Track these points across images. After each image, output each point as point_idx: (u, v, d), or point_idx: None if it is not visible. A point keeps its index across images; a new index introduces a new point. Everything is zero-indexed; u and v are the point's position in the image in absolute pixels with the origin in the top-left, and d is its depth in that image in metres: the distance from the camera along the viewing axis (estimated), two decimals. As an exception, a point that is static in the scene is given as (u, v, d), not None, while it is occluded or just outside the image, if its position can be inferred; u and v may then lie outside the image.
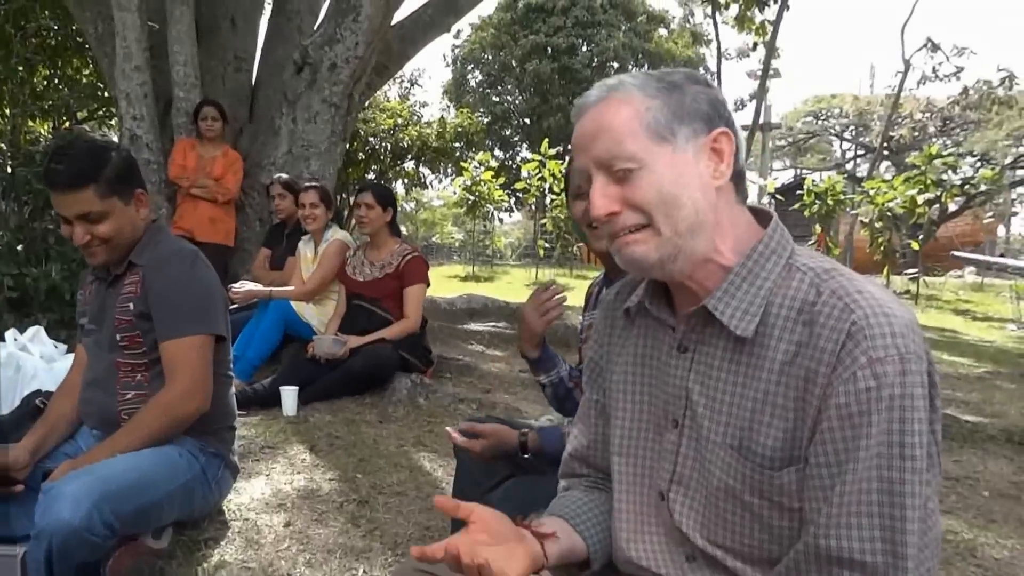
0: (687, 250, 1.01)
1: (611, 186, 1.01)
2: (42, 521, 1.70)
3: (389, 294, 4.01)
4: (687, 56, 28.83)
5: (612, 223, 1.02)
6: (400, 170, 17.76)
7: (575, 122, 1.07)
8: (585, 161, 1.03)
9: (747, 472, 0.99)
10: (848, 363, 0.91)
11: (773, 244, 1.03)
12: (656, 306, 1.13)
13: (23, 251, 4.97)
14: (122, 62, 5.23)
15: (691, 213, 1.00)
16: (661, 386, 1.12)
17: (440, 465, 2.95)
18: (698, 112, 1.02)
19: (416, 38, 6.79)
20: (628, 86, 1.03)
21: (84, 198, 1.98)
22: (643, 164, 0.99)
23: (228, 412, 2.30)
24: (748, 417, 0.99)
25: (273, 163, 5.53)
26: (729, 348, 1.03)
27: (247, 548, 2.18)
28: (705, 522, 1.06)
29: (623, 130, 1.00)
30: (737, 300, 1.01)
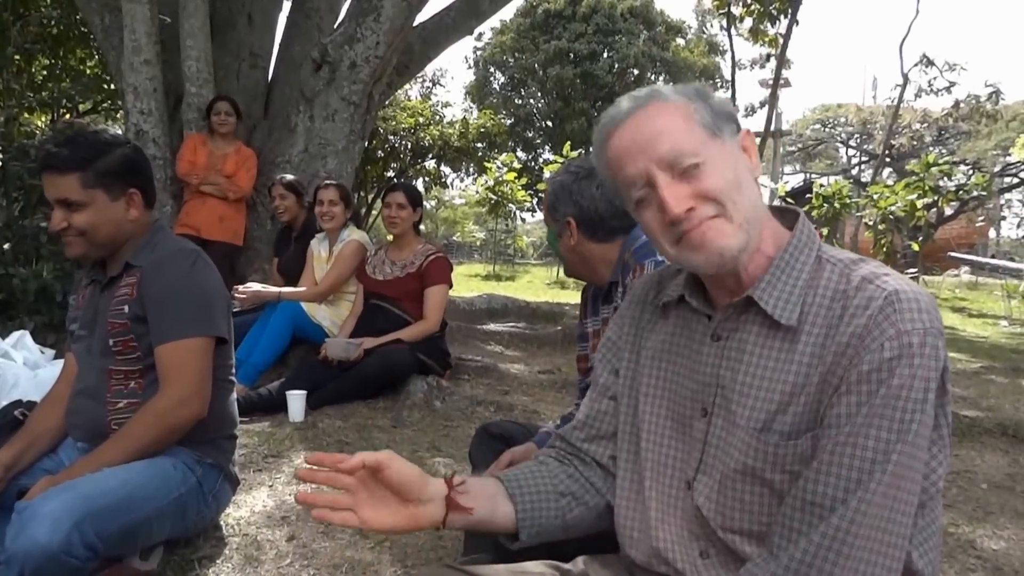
0: (752, 237, 1.06)
1: (678, 184, 1.04)
2: (14, 544, 1.56)
3: (409, 294, 3.89)
4: (703, 65, 29.24)
5: (689, 218, 1.03)
6: (420, 168, 17.74)
7: (614, 133, 1.09)
8: (645, 165, 1.05)
9: (769, 450, 1.02)
10: (876, 334, 0.95)
11: (804, 238, 1.09)
12: (696, 298, 1.16)
13: (10, 250, 4.85)
14: (131, 55, 5.13)
15: (751, 200, 1.06)
16: (691, 375, 1.15)
17: (456, 471, 2.79)
18: (729, 114, 1.10)
19: (438, 40, 6.70)
20: (666, 93, 1.09)
21: (65, 183, 1.89)
22: (707, 157, 1.04)
23: (228, 420, 2.16)
24: (777, 401, 1.03)
25: (288, 161, 5.43)
26: (763, 335, 1.06)
27: (245, 566, 2.04)
28: (720, 508, 1.08)
29: (682, 128, 1.05)
30: (778, 291, 1.05)
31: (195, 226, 4.85)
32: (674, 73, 28.86)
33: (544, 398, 4.03)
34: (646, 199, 1.07)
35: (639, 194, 1.08)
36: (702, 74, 29.62)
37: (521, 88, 30.09)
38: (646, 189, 1.06)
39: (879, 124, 30.08)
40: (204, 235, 4.80)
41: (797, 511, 0.98)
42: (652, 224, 1.08)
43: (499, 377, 4.35)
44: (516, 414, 3.55)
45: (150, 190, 2.06)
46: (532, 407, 3.68)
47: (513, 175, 14.37)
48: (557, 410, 3.68)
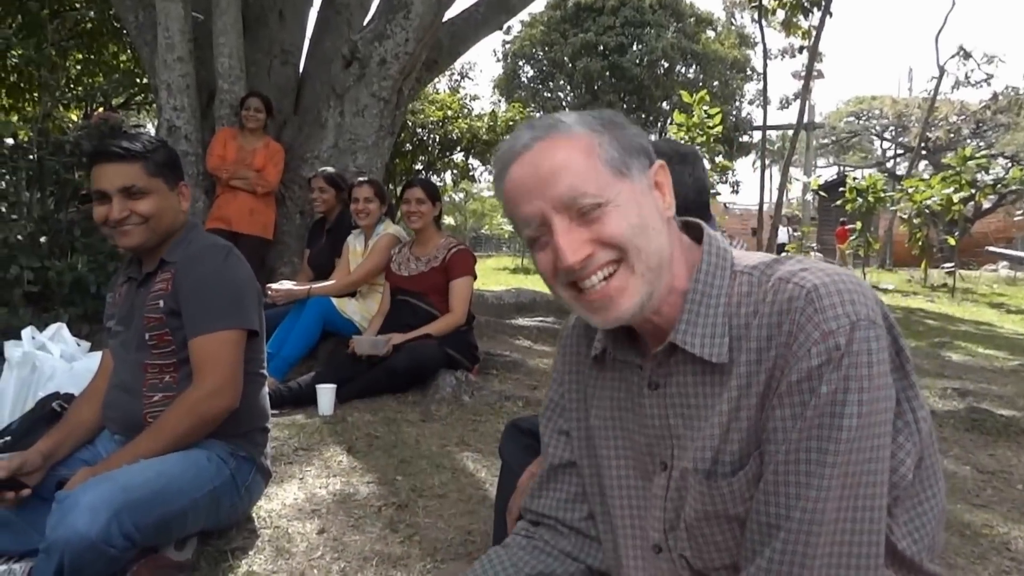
0: (657, 285, 0.99)
1: (576, 228, 0.96)
2: (54, 533, 1.60)
3: (435, 288, 3.91)
4: (734, 57, 28.86)
5: (585, 267, 0.96)
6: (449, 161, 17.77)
7: (511, 166, 1.00)
8: (539, 206, 0.97)
9: (723, 492, 0.98)
10: (802, 339, 0.90)
11: (713, 258, 1.02)
12: (621, 349, 1.10)
13: (46, 243, 4.92)
14: (164, 52, 5.20)
15: (659, 245, 0.99)
16: (642, 430, 1.09)
17: (484, 466, 2.82)
18: (640, 148, 1.01)
19: (467, 35, 6.70)
20: (569, 124, 1.00)
21: (131, 171, 1.96)
22: (609, 199, 0.96)
23: (260, 413, 2.19)
24: (719, 436, 0.98)
25: (318, 156, 5.47)
26: (698, 372, 1.01)
27: (277, 558, 2.07)
28: (697, 553, 1.04)
29: (583, 165, 0.96)
30: (701, 327, 0.99)
31: (226, 219, 4.91)
32: (704, 65, 28.58)
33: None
34: (541, 240, 0.99)
35: (534, 234, 0.99)
36: (733, 66, 29.31)
37: (549, 81, 29.99)
38: (541, 230, 0.98)
39: (915, 116, 29.84)
40: (235, 228, 4.86)
41: (754, 532, 0.96)
42: (545, 267, 1.00)
43: (527, 372, 4.34)
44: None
45: None
46: (560, 403, 3.67)
47: (541, 168, 14.37)
48: (585, 406, 3.68)
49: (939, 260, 15.71)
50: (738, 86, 30.09)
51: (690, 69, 29.38)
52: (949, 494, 2.69)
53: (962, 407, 3.86)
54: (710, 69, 28.70)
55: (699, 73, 29.07)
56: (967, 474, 3.03)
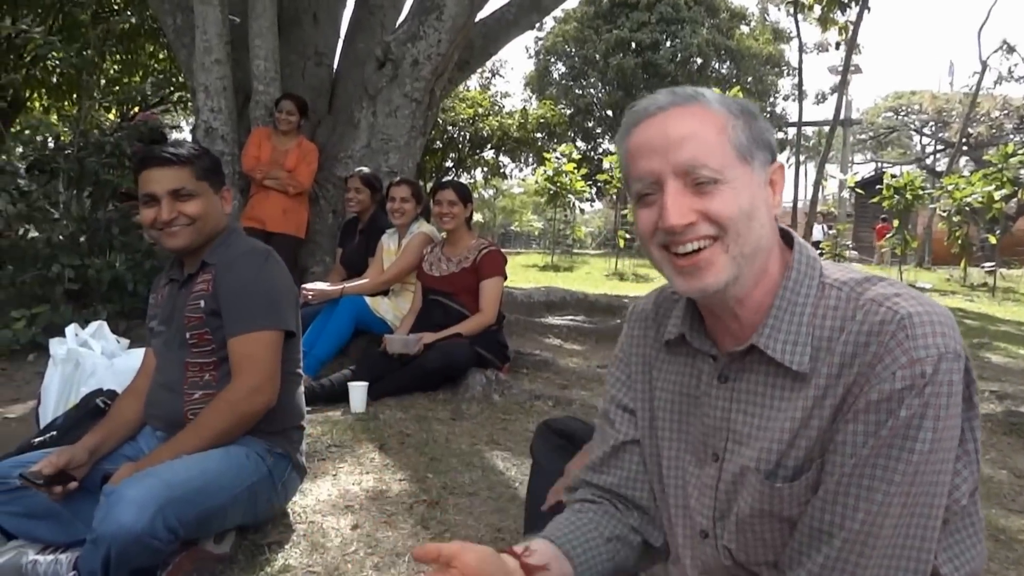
0: (746, 273, 1.01)
1: (687, 195, 0.99)
2: (101, 526, 1.67)
3: (465, 288, 3.94)
4: (768, 52, 28.48)
5: (684, 233, 0.99)
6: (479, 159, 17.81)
7: (644, 122, 1.03)
8: (659, 165, 1.00)
9: (783, 494, 1.00)
10: (888, 362, 0.91)
11: (804, 267, 1.04)
12: (697, 337, 1.12)
13: (86, 242, 5.03)
14: (202, 55, 5.28)
15: (759, 236, 1.01)
16: (701, 418, 1.11)
17: (514, 464, 2.85)
18: (767, 143, 1.04)
19: (499, 35, 6.71)
20: (710, 99, 1.03)
21: (181, 174, 2.04)
22: (727, 179, 0.98)
23: (296, 411, 2.25)
24: (787, 441, 1.00)
25: (351, 156, 5.53)
26: (771, 375, 1.03)
27: (312, 552, 2.12)
28: (743, 547, 1.06)
29: (712, 141, 0.99)
30: (784, 333, 1.01)
31: (260, 219, 4.98)
32: (738, 61, 28.29)
33: (603, 393, 4.01)
34: (649, 197, 1.02)
35: (644, 190, 1.02)
36: (767, 61, 28.97)
37: (581, 78, 29.87)
38: (652, 188, 1.01)
39: (955, 112, 29.21)
40: (268, 228, 4.93)
41: (805, 536, 0.98)
42: (646, 223, 1.03)
43: (557, 371, 4.35)
44: (575, 409, 3.56)
45: None
46: (591, 402, 3.68)
47: (572, 166, 14.31)
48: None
49: (979, 259, 15.40)
50: (772, 82, 29.73)
51: (724, 65, 29.09)
52: (984, 498, 2.66)
53: (1000, 410, 3.80)
54: (744, 65, 28.40)
55: (733, 69, 28.78)
56: (1004, 478, 2.99)
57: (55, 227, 4.79)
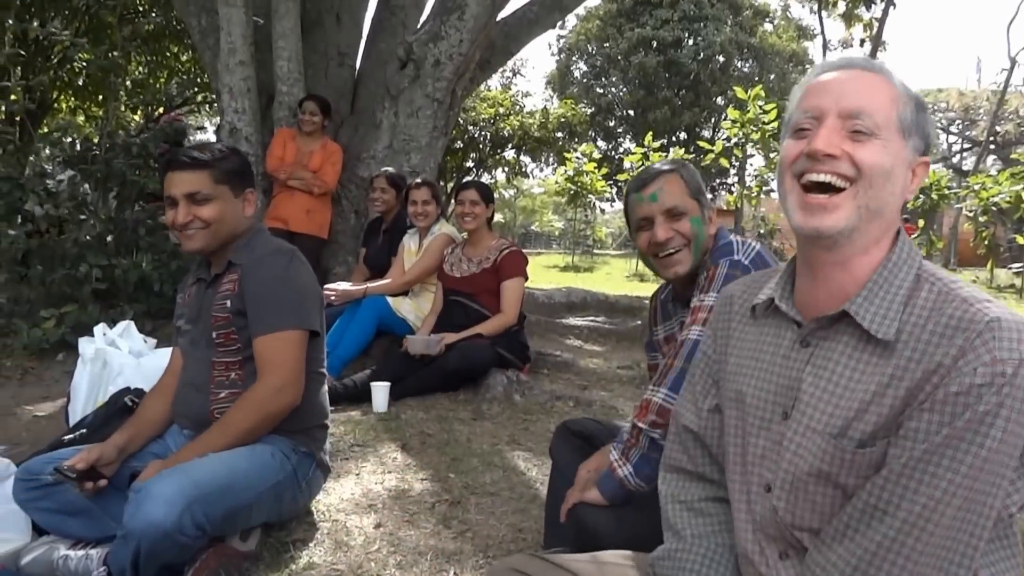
0: (863, 229, 1.06)
1: (841, 135, 1.06)
2: (132, 522, 1.70)
3: (486, 289, 3.95)
4: (792, 50, 28.13)
5: (824, 162, 1.05)
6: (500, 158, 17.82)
7: (826, 73, 1.12)
8: (827, 104, 1.08)
9: (845, 456, 1.03)
10: (971, 358, 0.94)
11: (904, 255, 1.09)
12: (786, 303, 1.18)
13: (113, 242, 5.09)
14: (226, 56, 5.32)
15: (886, 200, 1.07)
16: (775, 379, 1.16)
17: (535, 465, 2.86)
18: (927, 134, 1.11)
19: (520, 34, 6.70)
20: (892, 74, 1.11)
21: (197, 178, 2.07)
22: (881, 136, 1.06)
23: (320, 410, 2.28)
24: (855, 408, 1.03)
25: (373, 156, 5.56)
26: (855, 346, 1.06)
27: (336, 550, 2.14)
28: (791, 508, 1.10)
29: (883, 102, 1.07)
30: (876, 305, 1.05)
31: (283, 219, 4.99)
32: (761, 59, 28.07)
33: (623, 394, 4.02)
34: (804, 132, 1.10)
35: (804, 123, 1.10)
36: (791, 59, 28.69)
37: (603, 77, 29.79)
38: (811, 123, 1.09)
39: (983, 110, 28.86)
40: (291, 228, 4.95)
41: (859, 512, 1.00)
42: (790, 151, 1.11)
43: (578, 372, 4.36)
44: (595, 410, 3.57)
45: (256, 194, 2.22)
46: (611, 403, 3.69)
47: (593, 165, 14.29)
48: (634, 405, 3.68)
49: (1007, 260, 15.16)
50: (796, 80, 29.39)
51: (746, 63, 28.87)
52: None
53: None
54: (767, 63, 28.17)
55: (755, 67, 28.56)
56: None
57: (83, 227, 4.86)
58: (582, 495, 1.71)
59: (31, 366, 4.46)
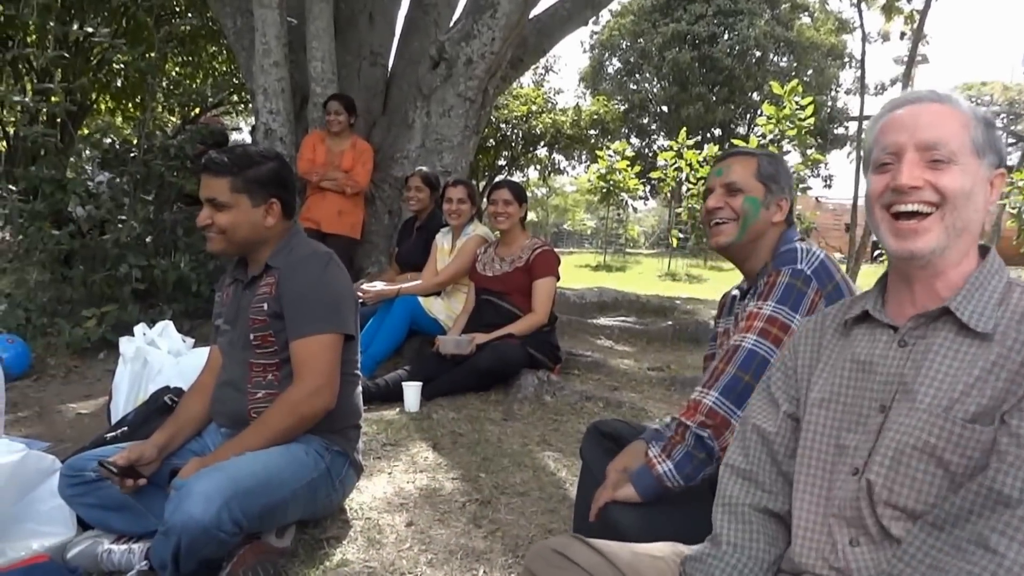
0: (953, 245, 1.16)
1: (921, 167, 1.15)
2: (173, 518, 1.75)
3: (518, 288, 3.96)
4: (830, 44, 27.55)
5: (909, 194, 1.15)
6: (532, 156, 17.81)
7: (903, 107, 1.21)
8: (904, 139, 1.17)
9: (954, 429, 1.07)
10: None
11: (995, 266, 1.19)
12: (880, 313, 1.25)
13: (152, 243, 5.18)
14: (261, 57, 5.39)
15: (971, 217, 1.16)
16: (871, 377, 1.20)
17: (565, 465, 2.88)
18: (998, 150, 1.20)
19: (553, 31, 6.68)
20: (959, 102, 1.19)
21: (217, 185, 2.11)
22: (959, 162, 1.15)
23: (354, 411, 2.32)
24: (959, 389, 1.08)
25: (406, 156, 5.60)
26: (953, 340, 1.13)
27: (369, 548, 2.18)
28: (889, 483, 1.11)
29: (955, 130, 1.16)
30: (974, 304, 1.14)
31: (315, 220, 5.05)
32: (798, 53, 27.56)
33: (653, 395, 4.01)
34: (887, 166, 1.19)
35: (884, 159, 1.19)
36: (829, 53, 28.16)
37: (636, 73, 29.54)
38: (892, 157, 1.18)
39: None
40: (324, 229, 5.00)
41: (977, 496, 1.03)
42: (877, 186, 1.20)
43: (608, 373, 4.35)
44: (624, 411, 3.56)
45: (290, 201, 2.24)
46: (640, 404, 3.68)
47: (626, 163, 14.20)
48: (665, 408, 3.66)
49: (1051, 259, 14.82)
50: (834, 74, 28.87)
51: (783, 58, 28.42)
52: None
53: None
54: (804, 57, 27.67)
55: (792, 62, 28.09)
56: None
57: (123, 228, 4.97)
58: (614, 493, 1.71)
59: (74, 364, 4.58)
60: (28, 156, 8.91)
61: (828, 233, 23.53)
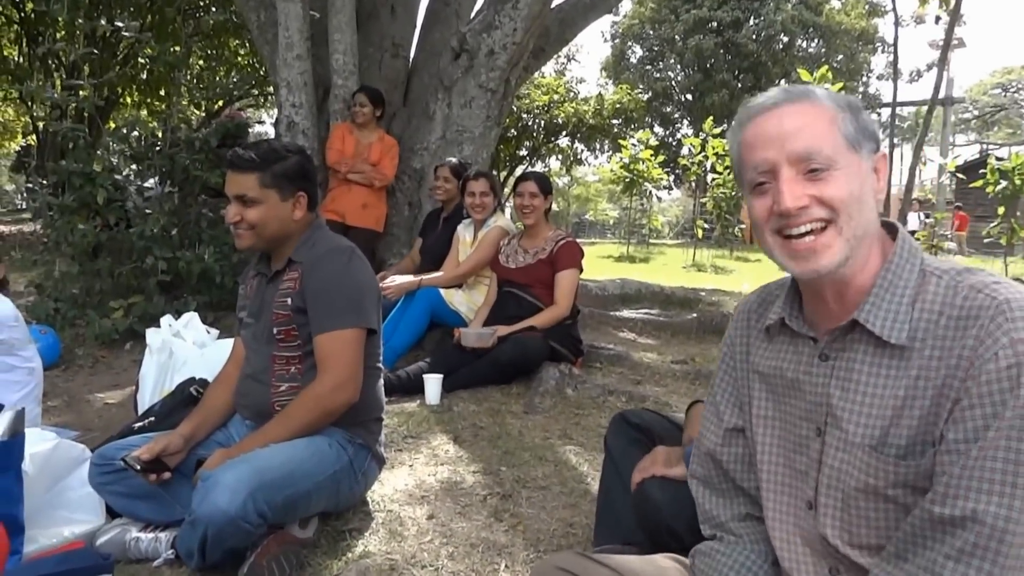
0: (856, 254, 1.07)
1: (801, 181, 1.06)
2: (200, 508, 1.79)
3: (540, 280, 3.95)
4: (860, 28, 26.94)
5: (798, 215, 1.06)
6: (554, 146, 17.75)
7: (758, 117, 1.11)
8: (774, 155, 1.07)
9: (888, 468, 1.03)
10: (990, 343, 0.95)
11: (906, 254, 1.09)
12: (796, 321, 1.18)
13: (177, 235, 5.24)
14: (284, 51, 5.40)
15: (866, 220, 1.07)
16: (801, 396, 1.16)
17: (586, 460, 2.87)
18: (872, 133, 1.11)
19: (575, 21, 6.65)
20: (819, 95, 1.10)
21: (246, 181, 2.12)
22: (838, 166, 1.06)
23: (376, 404, 2.34)
24: (889, 416, 1.03)
25: (426, 148, 5.60)
26: (872, 354, 1.07)
27: (390, 540, 2.20)
28: (845, 526, 1.09)
29: (824, 130, 1.06)
30: (884, 310, 1.06)
31: (339, 212, 5.06)
32: (828, 38, 26.97)
33: (677, 389, 3.97)
34: (763, 186, 1.09)
35: (759, 179, 1.09)
36: (860, 38, 27.59)
37: (659, 61, 29.23)
38: (767, 176, 1.08)
39: (1072, 88, 27.33)
40: (348, 221, 5.01)
41: (924, 521, 0.98)
42: (760, 211, 1.10)
43: (631, 366, 4.33)
44: (648, 405, 3.52)
45: (314, 194, 2.26)
46: (664, 398, 3.66)
47: (649, 152, 14.10)
48: (689, 402, 3.64)
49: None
50: (865, 59, 28.29)
51: (812, 43, 27.91)
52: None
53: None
54: (834, 42, 27.13)
55: (821, 47, 27.58)
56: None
57: (149, 220, 5.03)
58: (666, 469, 1.71)
59: (102, 355, 4.66)
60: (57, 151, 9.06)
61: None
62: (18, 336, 2.94)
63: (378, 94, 5.27)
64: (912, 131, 27.98)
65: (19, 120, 20.86)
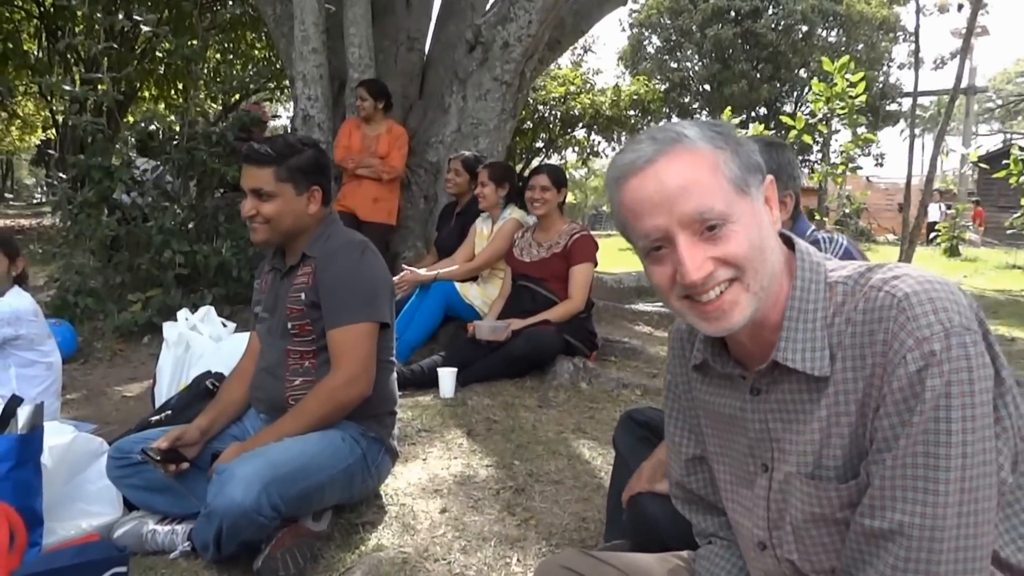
0: (766, 301, 1.03)
1: (700, 244, 0.98)
2: (215, 501, 1.82)
3: (555, 274, 3.94)
4: (882, 17, 26.55)
5: (706, 283, 0.98)
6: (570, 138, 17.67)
7: (634, 178, 1.00)
8: (665, 222, 0.98)
9: (829, 493, 1.01)
10: (897, 347, 0.92)
11: (808, 273, 1.04)
12: (720, 361, 1.13)
13: (194, 228, 5.29)
14: (300, 44, 5.41)
15: (772, 264, 1.02)
16: (743, 432, 1.13)
17: (600, 454, 2.87)
18: (756, 164, 1.04)
19: (591, 12, 6.59)
20: (692, 139, 1.00)
21: (262, 175, 2.13)
22: (733, 218, 0.98)
23: (389, 397, 2.35)
24: (818, 440, 1.01)
25: (441, 141, 5.60)
26: (799, 382, 1.04)
27: (403, 533, 2.21)
28: (804, 556, 1.07)
29: (709, 183, 0.98)
30: (800, 343, 1.02)
31: (351, 207, 5.05)
32: (848, 28, 26.61)
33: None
34: (660, 252, 1.01)
35: (652, 245, 1.01)
36: (881, 26, 27.23)
37: (677, 51, 28.98)
38: (662, 242, 1.00)
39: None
40: (360, 216, 5.01)
41: (861, 540, 0.97)
42: (662, 278, 1.02)
43: (646, 360, 4.31)
44: (662, 399, 3.53)
45: (328, 188, 2.27)
46: (678, 392, 3.64)
47: (667, 144, 13.98)
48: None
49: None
50: (886, 48, 27.89)
51: (832, 32, 27.58)
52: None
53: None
54: (854, 31, 26.75)
55: (842, 36, 27.22)
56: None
57: (166, 214, 5.07)
58: (650, 486, 1.71)
59: (119, 348, 4.71)
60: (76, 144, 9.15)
61: (880, 214, 22.78)
62: (37, 331, 2.98)
63: (378, 86, 5.21)
64: (934, 121, 27.58)
65: (39, 114, 21.12)
